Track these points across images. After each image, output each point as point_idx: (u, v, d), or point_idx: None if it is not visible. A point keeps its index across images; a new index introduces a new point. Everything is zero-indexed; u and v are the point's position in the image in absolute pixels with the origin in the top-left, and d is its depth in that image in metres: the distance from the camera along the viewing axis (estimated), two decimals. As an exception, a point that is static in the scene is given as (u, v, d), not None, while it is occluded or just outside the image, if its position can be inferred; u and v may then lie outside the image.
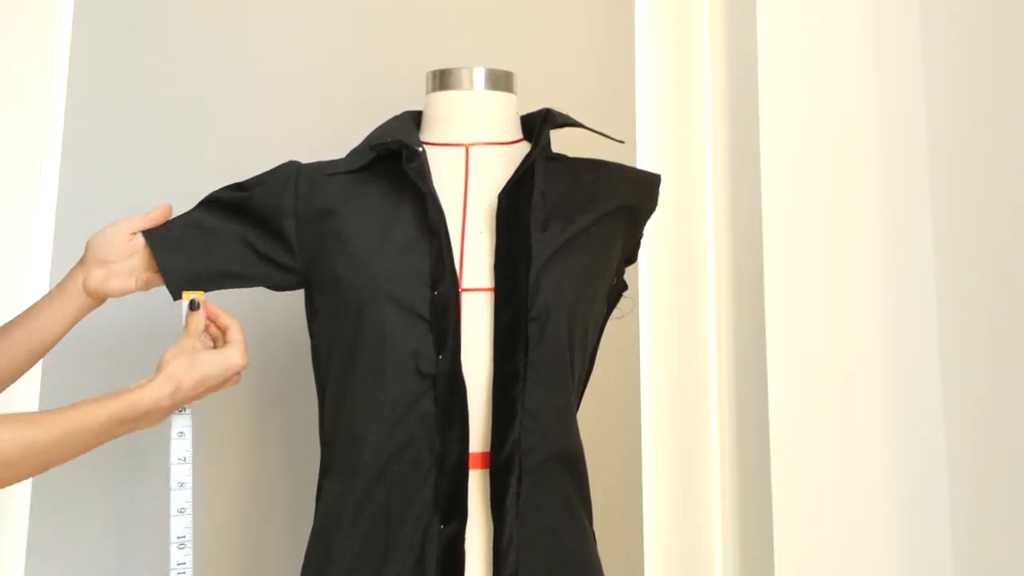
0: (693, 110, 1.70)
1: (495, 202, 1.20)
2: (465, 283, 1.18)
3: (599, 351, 1.29)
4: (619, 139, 1.33)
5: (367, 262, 1.18)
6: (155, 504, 1.59)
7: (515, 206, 1.19)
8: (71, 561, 1.57)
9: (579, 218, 1.22)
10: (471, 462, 1.14)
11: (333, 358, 1.20)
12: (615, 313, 1.31)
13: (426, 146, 1.23)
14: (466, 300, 1.17)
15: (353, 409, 1.16)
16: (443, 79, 1.26)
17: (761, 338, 1.38)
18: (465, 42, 1.73)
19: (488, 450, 1.14)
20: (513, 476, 1.13)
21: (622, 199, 1.27)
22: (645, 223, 1.32)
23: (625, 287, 1.31)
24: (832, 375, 1.36)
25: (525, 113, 1.29)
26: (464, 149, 1.24)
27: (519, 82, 1.29)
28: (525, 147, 1.26)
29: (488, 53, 1.62)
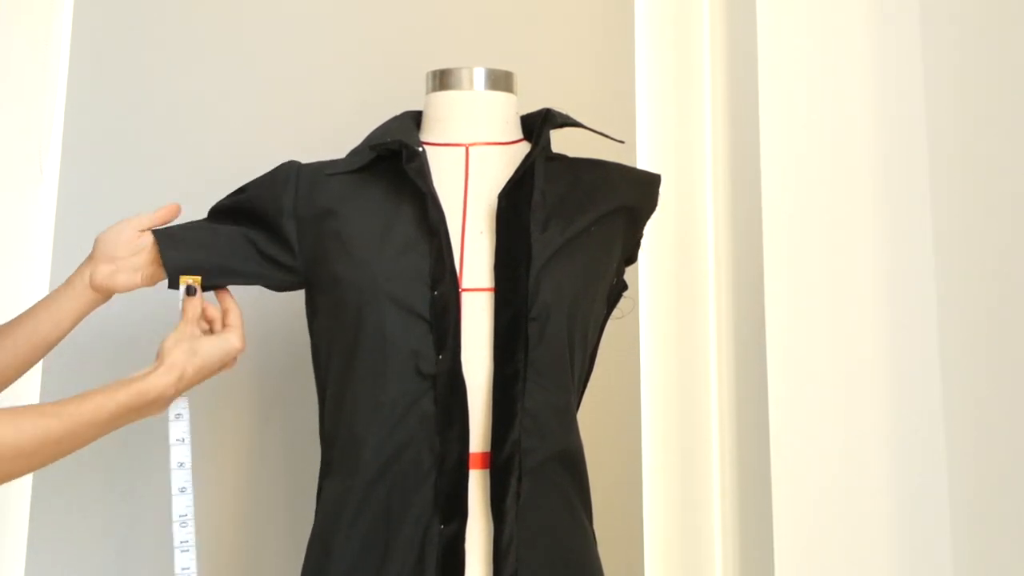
0: (693, 110, 1.70)
1: (495, 202, 1.20)
2: (465, 283, 1.18)
3: (599, 351, 1.29)
4: (619, 139, 1.33)
5: (367, 262, 1.18)
6: (155, 504, 1.59)
7: (515, 206, 1.19)
8: (71, 561, 1.57)
9: (579, 218, 1.22)
10: (471, 462, 1.14)
11: (333, 358, 1.20)
12: (615, 313, 1.31)
13: (426, 146, 1.23)
14: (466, 300, 1.17)
15: (353, 409, 1.16)
16: (443, 79, 1.26)
17: (761, 338, 1.38)
18: (465, 42, 1.73)
19: (488, 450, 1.14)
20: (513, 476, 1.13)
21: (622, 199, 1.27)
22: (645, 223, 1.32)
23: (625, 287, 1.31)
24: (832, 375, 1.36)
25: (525, 113, 1.29)
26: (464, 149, 1.24)
27: (519, 82, 1.29)
28: (525, 147, 1.26)
29: (488, 53, 1.62)
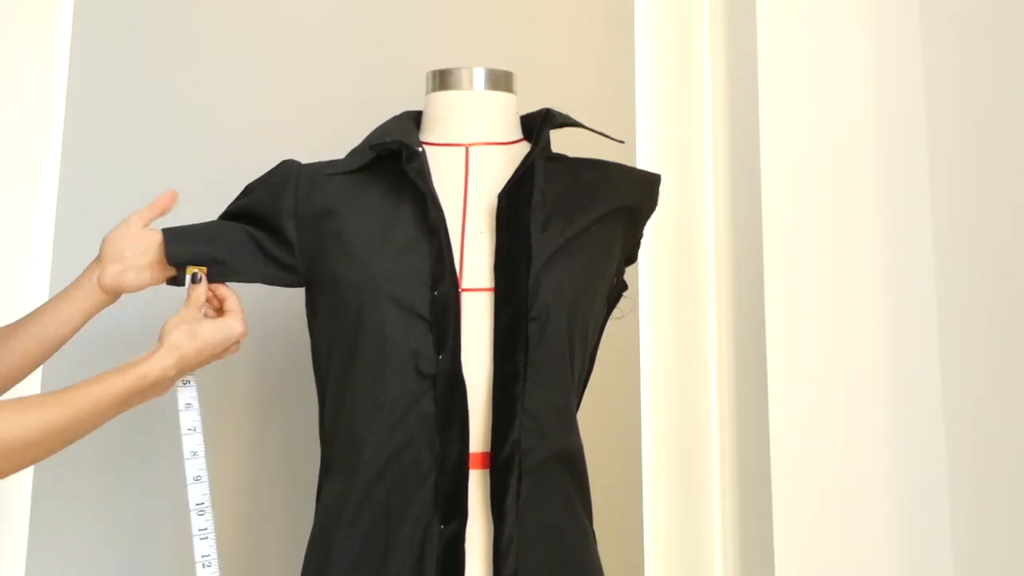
0: (693, 110, 1.70)
1: (495, 202, 1.20)
2: (465, 283, 1.18)
3: (599, 351, 1.29)
4: (619, 139, 1.33)
5: (367, 262, 1.18)
6: (156, 504, 1.59)
7: (515, 206, 1.19)
8: (71, 561, 1.57)
9: (579, 218, 1.22)
10: (471, 462, 1.14)
11: (333, 358, 1.20)
12: (615, 313, 1.31)
13: (426, 146, 1.23)
14: (466, 300, 1.17)
15: (353, 409, 1.16)
16: (443, 79, 1.26)
17: (761, 338, 1.38)
18: (465, 42, 1.73)
19: (488, 450, 1.14)
20: (513, 476, 1.13)
21: (622, 199, 1.27)
22: (645, 223, 1.32)
23: (625, 287, 1.31)
24: (832, 375, 1.36)
25: (525, 113, 1.29)
26: (464, 149, 1.24)
27: (519, 82, 1.29)
28: (525, 147, 1.26)
29: (488, 53, 1.62)
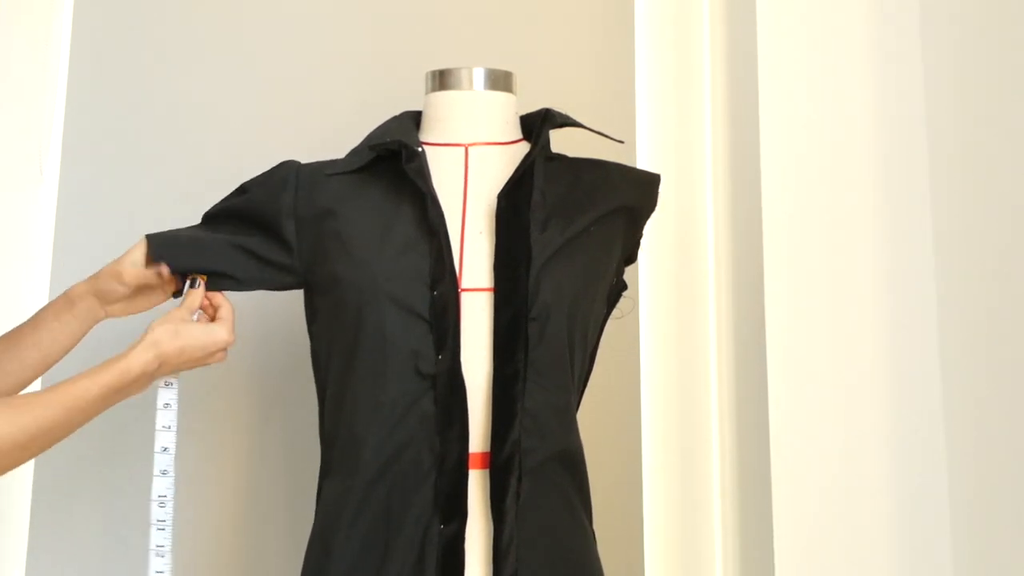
0: (693, 110, 1.70)
1: (495, 202, 1.20)
2: (465, 283, 1.18)
3: (599, 351, 1.29)
4: (619, 139, 1.33)
5: (367, 262, 1.18)
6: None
7: (515, 206, 1.19)
8: (71, 561, 1.57)
9: (579, 218, 1.22)
10: (471, 462, 1.14)
11: (333, 358, 1.20)
12: (615, 313, 1.31)
13: (426, 146, 1.23)
14: (466, 300, 1.17)
15: (353, 409, 1.16)
16: (443, 79, 1.26)
17: (761, 338, 1.38)
18: (465, 42, 1.73)
19: (488, 450, 1.14)
20: (513, 476, 1.13)
21: (622, 199, 1.27)
22: (645, 223, 1.32)
23: (625, 287, 1.31)
24: (832, 375, 1.36)
25: (525, 113, 1.29)
26: (464, 149, 1.24)
27: (519, 82, 1.29)
28: (525, 147, 1.26)
29: (488, 53, 1.62)
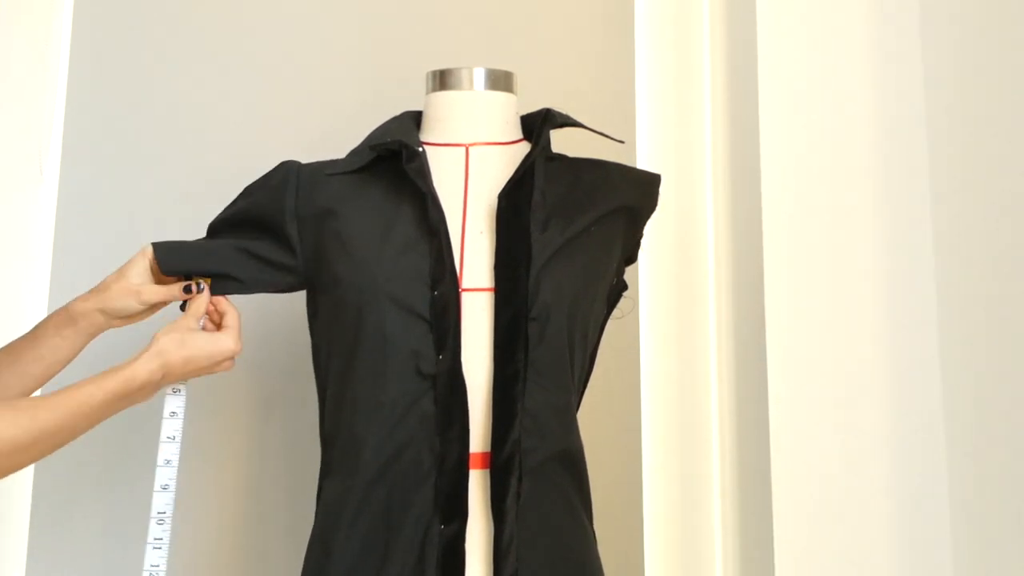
0: (693, 110, 1.70)
1: (495, 202, 1.20)
2: (465, 283, 1.18)
3: (599, 351, 1.29)
4: (619, 139, 1.33)
5: (367, 262, 1.18)
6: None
7: (515, 206, 1.19)
8: (71, 561, 1.57)
9: (579, 218, 1.22)
10: (471, 462, 1.14)
11: (333, 358, 1.20)
12: (615, 313, 1.31)
13: (426, 146, 1.23)
14: (466, 300, 1.17)
15: (353, 409, 1.16)
16: (443, 79, 1.26)
17: (761, 338, 1.38)
18: (465, 42, 1.73)
19: (488, 450, 1.14)
20: (513, 476, 1.13)
21: (622, 199, 1.27)
22: (645, 223, 1.32)
23: (625, 287, 1.31)
24: (832, 375, 1.36)
25: (525, 113, 1.29)
26: (464, 149, 1.24)
27: (519, 82, 1.29)
28: (525, 147, 1.26)
29: (488, 53, 1.62)
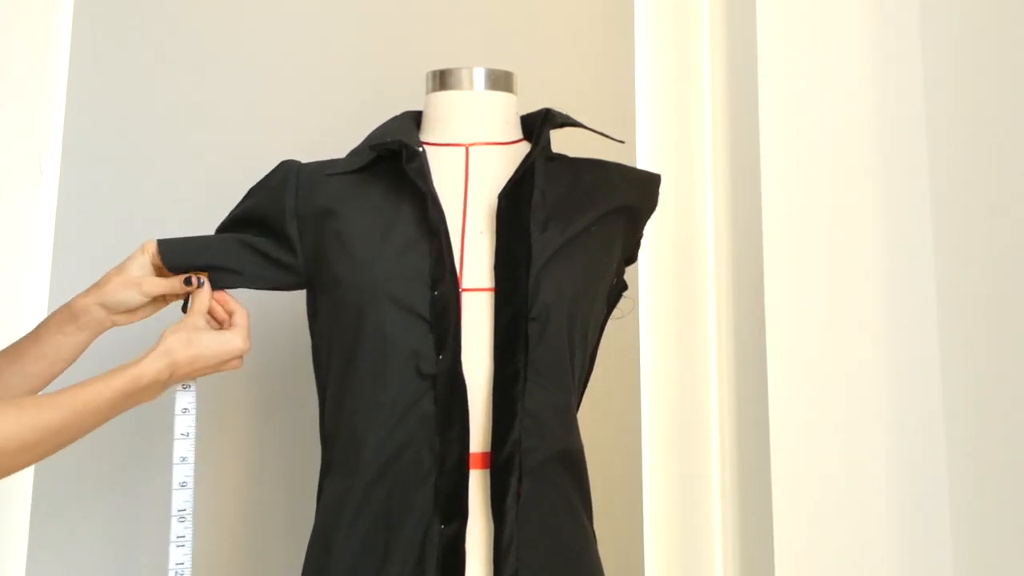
0: (693, 110, 1.70)
1: (495, 202, 1.20)
2: (465, 283, 1.18)
3: (599, 351, 1.29)
4: (619, 139, 1.33)
5: (367, 262, 1.18)
6: (157, 504, 1.59)
7: (515, 206, 1.19)
8: (71, 561, 1.57)
9: (579, 218, 1.22)
10: (471, 462, 1.14)
11: (333, 358, 1.20)
12: (615, 313, 1.31)
13: (426, 146, 1.23)
14: (466, 300, 1.17)
15: (353, 409, 1.16)
16: (443, 79, 1.26)
17: (761, 338, 1.38)
18: (465, 42, 1.73)
19: (488, 450, 1.14)
20: (513, 476, 1.13)
21: (622, 199, 1.27)
22: (645, 223, 1.32)
23: (625, 287, 1.31)
24: (832, 375, 1.36)
25: (525, 113, 1.29)
26: (464, 149, 1.24)
27: (519, 82, 1.29)
28: (525, 147, 1.26)
29: (488, 53, 1.62)
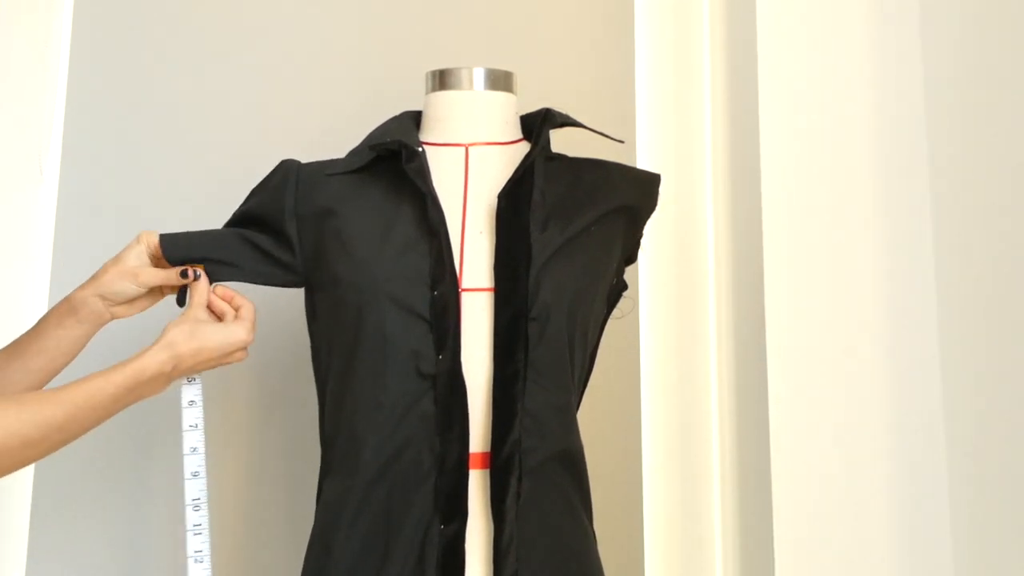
0: (693, 110, 1.70)
1: (495, 202, 1.20)
2: (465, 283, 1.18)
3: (599, 351, 1.29)
4: (619, 139, 1.33)
5: (367, 262, 1.18)
6: (156, 505, 1.59)
7: (515, 206, 1.19)
8: (72, 561, 1.57)
9: (579, 218, 1.22)
10: (471, 462, 1.14)
11: (333, 358, 1.20)
12: (615, 313, 1.31)
13: (426, 146, 1.23)
14: (466, 300, 1.17)
15: (353, 409, 1.16)
16: (443, 79, 1.26)
17: (761, 338, 1.38)
18: (465, 42, 1.73)
19: (488, 450, 1.14)
20: (513, 476, 1.13)
21: (622, 199, 1.27)
22: (645, 223, 1.32)
23: (625, 287, 1.31)
24: (832, 375, 1.36)
25: (525, 113, 1.29)
26: (464, 149, 1.24)
27: (519, 82, 1.29)
28: (525, 147, 1.26)
29: (488, 53, 1.62)
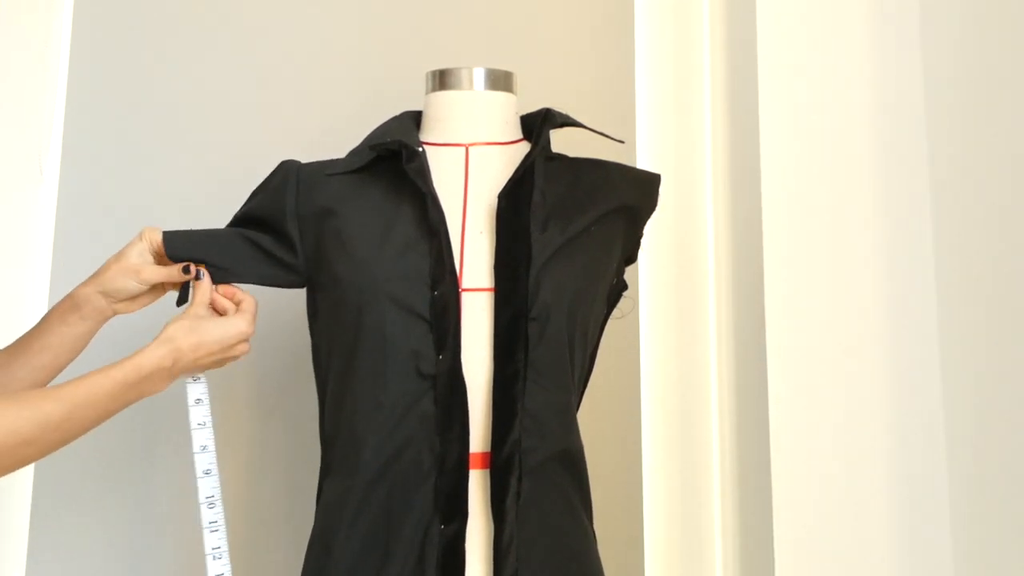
0: (693, 110, 1.70)
1: (495, 202, 1.20)
2: (465, 283, 1.18)
3: (599, 351, 1.29)
4: (619, 139, 1.33)
5: (367, 262, 1.18)
6: (156, 505, 1.59)
7: (515, 206, 1.19)
8: (72, 561, 1.57)
9: (579, 218, 1.22)
10: (471, 462, 1.14)
11: (333, 358, 1.20)
12: (615, 313, 1.31)
13: (426, 146, 1.23)
14: (466, 300, 1.17)
15: (353, 409, 1.16)
16: (443, 79, 1.26)
17: (761, 338, 1.38)
18: (465, 42, 1.73)
19: (488, 450, 1.15)
20: (513, 476, 1.13)
21: (622, 199, 1.27)
22: (645, 223, 1.32)
23: (625, 287, 1.31)
24: (832, 374, 1.36)
25: (525, 113, 1.29)
26: (464, 149, 1.24)
27: (519, 82, 1.29)
28: (525, 147, 1.26)
29: (488, 53, 1.62)
